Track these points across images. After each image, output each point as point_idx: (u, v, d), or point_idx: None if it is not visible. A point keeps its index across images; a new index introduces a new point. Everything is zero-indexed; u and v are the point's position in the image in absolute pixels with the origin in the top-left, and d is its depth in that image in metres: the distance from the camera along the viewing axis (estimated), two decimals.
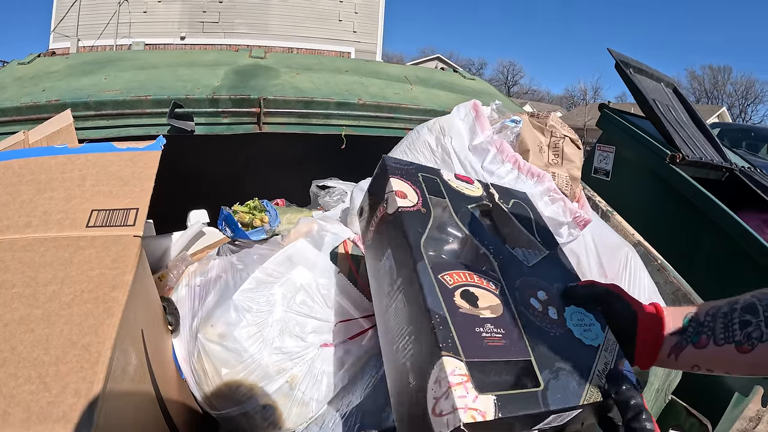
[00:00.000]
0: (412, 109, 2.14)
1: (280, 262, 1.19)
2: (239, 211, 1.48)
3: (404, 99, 2.19)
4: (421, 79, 2.54)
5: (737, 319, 0.79)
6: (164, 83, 1.92)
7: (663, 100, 3.88)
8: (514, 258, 1.02)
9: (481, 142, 1.43)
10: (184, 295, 1.25)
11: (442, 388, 0.74)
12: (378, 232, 1.02)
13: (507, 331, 0.84)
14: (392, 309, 0.91)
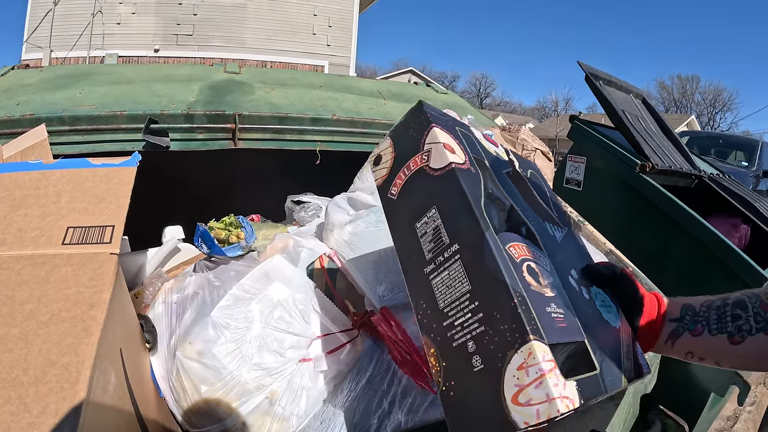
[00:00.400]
0: (385, 124, 2.16)
1: (257, 278, 1.20)
2: (215, 227, 1.48)
3: (378, 114, 2.22)
4: (394, 93, 2.57)
5: (729, 313, 0.86)
6: (139, 98, 1.92)
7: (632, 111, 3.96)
8: (546, 232, 0.97)
9: None
10: (161, 312, 1.25)
11: (530, 376, 0.67)
12: (412, 186, 0.90)
13: (565, 312, 0.79)
14: (441, 278, 0.81)
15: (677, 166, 3.78)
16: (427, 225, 0.85)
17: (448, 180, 0.84)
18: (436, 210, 0.84)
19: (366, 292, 1.27)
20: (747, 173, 10.09)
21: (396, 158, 0.95)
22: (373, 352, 1.22)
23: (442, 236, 0.82)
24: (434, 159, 0.87)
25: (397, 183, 0.93)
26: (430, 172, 0.87)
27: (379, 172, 0.97)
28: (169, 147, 1.80)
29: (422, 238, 0.85)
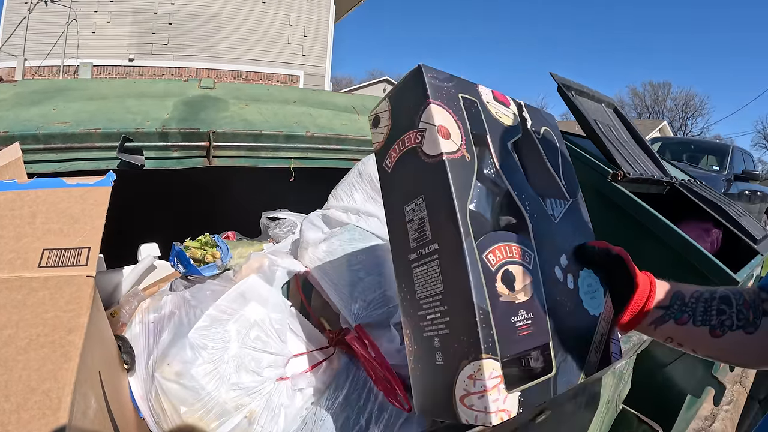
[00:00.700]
0: (359, 140, 2.19)
1: (233, 298, 1.21)
2: (191, 246, 1.49)
3: (351, 130, 2.24)
4: (368, 108, 2.55)
5: (715, 307, 0.92)
6: (113, 115, 1.91)
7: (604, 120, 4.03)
8: (544, 213, 0.95)
9: None
10: (138, 332, 1.25)
11: (476, 387, 0.74)
12: (404, 165, 0.87)
13: (535, 315, 0.83)
14: (420, 271, 0.84)
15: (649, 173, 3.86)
16: (414, 213, 0.84)
17: (437, 171, 0.81)
18: (423, 200, 0.83)
19: (340, 310, 1.29)
20: (718, 177, 10.27)
21: (392, 127, 0.90)
22: (349, 369, 1.24)
23: (426, 230, 0.82)
24: (427, 143, 0.83)
25: (392, 155, 0.89)
26: (423, 156, 0.83)
27: (377, 135, 0.94)
28: (144, 165, 1.81)
29: (409, 224, 0.85)
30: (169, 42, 14.18)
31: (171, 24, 14.13)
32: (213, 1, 14.51)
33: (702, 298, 0.94)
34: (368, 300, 1.25)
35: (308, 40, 15.45)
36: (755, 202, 11.61)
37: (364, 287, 1.27)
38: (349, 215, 1.46)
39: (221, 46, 14.68)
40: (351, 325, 1.26)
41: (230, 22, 14.70)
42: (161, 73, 14.13)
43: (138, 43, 13.90)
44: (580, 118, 3.49)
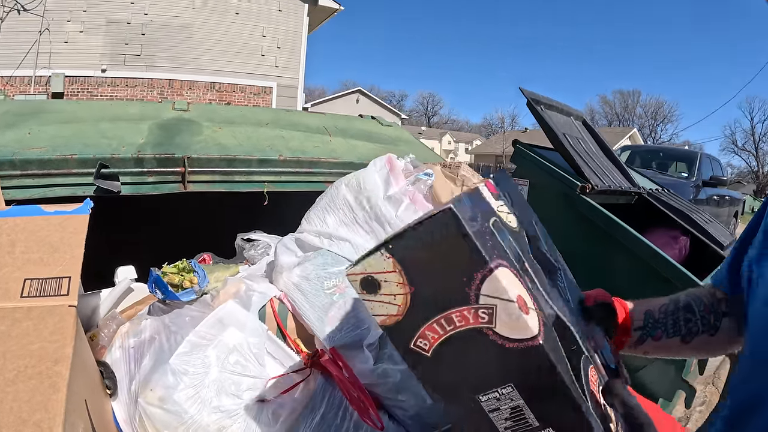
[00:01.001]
0: (331, 162, 2.24)
1: (211, 324, 1.26)
2: (168, 272, 1.52)
3: (323, 152, 2.29)
4: (340, 129, 2.64)
5: (682, 318, 1.00)
6: (89, 140, 1.93)
7: (573, 133, 4.12)
8: (573, 311, 0.86)
9: (395, 193, 1.55)
10: (119, 357, 1.29)
11: None
12: (461, 349, 0.65)
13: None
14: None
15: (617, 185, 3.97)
16: (500, 402, 0.66)
17: (530, 356, 0.63)
18: (514, 389, 0.65)
19: (315, 332, 1.34)
20: (687, 184, 10.46)
21: (416, 298, 0.64)
22: (325, 389, 1.29)
23: (527, 418, 0.66)
24: (503, 324, 0.62)
25: (427, 336, 0.65)
26: (498, 339, 0.63)
27: (378, 306, 0.66)
28: (120, 191, 1.83)
29: (493, 414, 0.67)
30: (141, 53, 14.07)
31: (144, 35, 14.03)
32: (186, 11, 14.42)
33: (669, 312, 1.01)
34: (342, 323, 1.31)
35: (281, 52, 15.44)
36: (724, 206, 11.85)
37: (338, 310, 1.33)
38: (321, 239, 1.50)
39: (194, 57, 14.60)
40: (326, 347, 1.31)
41: (203, 33, 14.62)
42: (134, 84, 14.01)
43: (111, 54, 13.76)
44: (548, 131, 3.58)
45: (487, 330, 0.63)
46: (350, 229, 1.50)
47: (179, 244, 1.87)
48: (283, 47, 15.44)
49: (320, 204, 1.63)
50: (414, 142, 2.83)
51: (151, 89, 14.25)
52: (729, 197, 12.22)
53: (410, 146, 2.74)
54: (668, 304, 1.03)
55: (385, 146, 2.59)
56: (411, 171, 1.73)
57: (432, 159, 2.42)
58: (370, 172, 1.61)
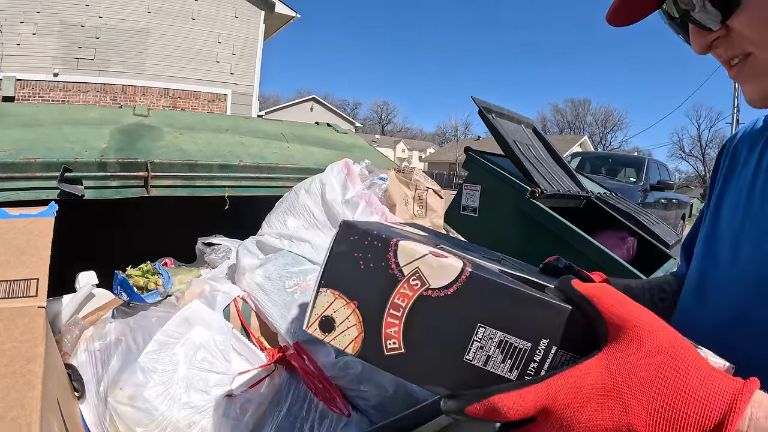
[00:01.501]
0: (289, 168, 2.30)
1: (178, 323, 1.29)
2: (133, 275, 1.55)
3: (282, 158, 2.35)
4: (297, 136, 2.69)
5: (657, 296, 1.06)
6: (52, 144, 1.94)
7: (523, 140, 4.25)
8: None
9: (352, 197, 1.60)
10: (84, 360, 1.31)
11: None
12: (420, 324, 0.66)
13: None
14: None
15: (565, 189, 4.10)
16: (485, 348, 0.64)
17: (472, 288, 0.65)
18: (485, 325, 0.64)
19: (278, 329, 1.38)
20: (635, 188, 10.77)
21: (363, 308, 0.68)
22: (290, 383, 1.33)
23: (517, 345, 0.64)
24: (433, 277, 0.65)
25: (390, 334, 0.67)
26: (441, 293, 0.65)
27: (342, 338, 0.68)
28: (84, 195, 1.84)
29: (489, 365, 0.64)
30: (95, 57, 13.84)
31: (98, 38, 13.80)
32: (141, 15, 14.24)
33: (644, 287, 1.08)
34: (303, 320, 1.35)
35: (237, 59, 15.37)
36: (671, 209, 12.22)
37: (300, 308, 1.38)
38: (282, 241, 1.55)
39: (148, 63, 14.43)
40: (289, 342, 1.36)
41: (158, 38, 14.46)
42: (86, 89, 13.77)
43: (63, 57, 13.51)
44: (499, 139, 3.70)
45: (426, 292, 0.66)
46: (310, 231, 1.54)
47: (141, 249, 1.89)
48: (238, 54, 15.38)
49: (280, 208, 1.68)
50: (368, 149, 2.90)
51: (104, 95, 14.03)
52: (676, 200, 12.63)
53: (365, 152, 2.81)
54: (644, 282, 1.10)
55: (340, 152, 2.66)
56: (366, 176, 1.79)
57: (386, 164, 2.49)
58: (328, 176, 1.66)
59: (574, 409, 0.50)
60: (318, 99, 37.37)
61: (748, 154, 0.90)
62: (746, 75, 0.72)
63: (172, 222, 2.41)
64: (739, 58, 0.72)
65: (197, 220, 2.23)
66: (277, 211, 1.67)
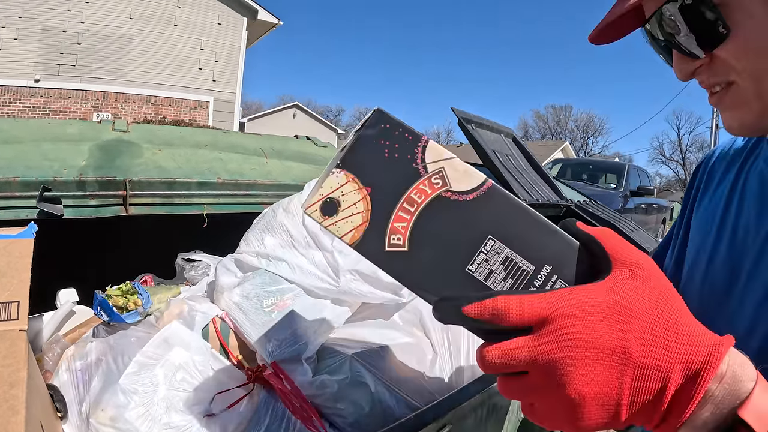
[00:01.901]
0: (267, 184, 2.32)
1: (157, 344, 1.32)
2: (113, 295, 1.57)
3: (260, 174, 2.37)
4: (276, 151, 2.71)
5: None
6: (31, 162, 1.93)
7: (502, 150, 4.29)
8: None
9: None
10: (66, 380, 1.32)
11: None
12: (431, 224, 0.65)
13: None
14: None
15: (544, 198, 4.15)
16: (489, 262, 0.64)
17: (491, 200, 0.65)
18: (494, 239, 0.64)
19: (257, 348, 1.41)
20: (616, 194, 10.89)
21: (375, 196, 0.66)
22: (269, 402, 1.36)
23: (521, 265, 0.64)
24: (455, 180, 0.65)
25: (398, 228, 0.65)
26: (459, 197, 0.64)
27: (343, 224, 0.66)
28: (63, 214, 1.84)
29: (488, 280, 0.64)
30: (77, 63, 13.75)
31: (80, 44, 13.70)
32: (123, 21, 14.17)
33: None
34: (281, 338, 1.39)
35: (219, 66, 15.33)
36: (652, 214, 12.38)
37: (277, 327, 1.41)
38: (260, 260, 1.57)
39: (130, 69, 14.35)
40: (267, 362, 1.39)
41: (140, 44, 14.39)
42: (68, 95, 13.66)
43: (45, 63, 13.40)
44: (478, 148, 3.74)
45: (445, 193, 0.65)
46: (287, 250, 1.57)
47: (121, 266, 1.91)
48: (221, 61, 15.35)
49: (258, 226, 1.70)
50: None
51: (85, 101, 13.94)
52: (657, 205, 12.79)
53: None
54: None
55: (319, 167, 2.67)
56: None
57: None
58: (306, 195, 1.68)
59: (578, 320, 0.51)
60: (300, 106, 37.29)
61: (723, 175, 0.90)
62: (727, 103, 0.73)
63: (152, 239, 2.41)
64: (721, 86, 0.72)
65: (177, 237, 2.23)
66: (255, 229, 1.69)
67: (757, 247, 0.75)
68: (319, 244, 1.56)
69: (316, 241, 1.56)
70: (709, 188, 0.93)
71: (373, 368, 1.45)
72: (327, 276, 1.50)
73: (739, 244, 0.79)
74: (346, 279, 1.47)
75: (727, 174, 0.89)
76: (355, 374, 1.42)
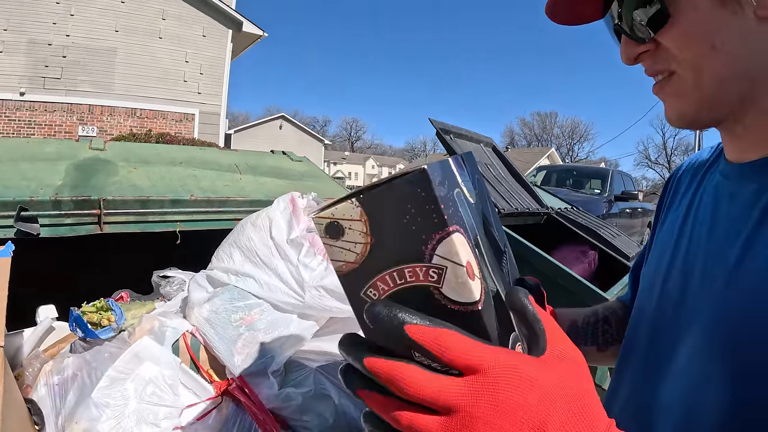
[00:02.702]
0: (239, 201, 2.36)
1: (128, 359, 1.37)
2: (87, 311, 1.61)
3: (233, 191, 2.42)
4: (250, 166, 2.77)
5: (600, 329, 1.09)
6: (9, 182, 1.98)
7: (482, 160, 4.36)
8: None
9: (296, 237, 1.66)
10: (44, 394, 1.36)
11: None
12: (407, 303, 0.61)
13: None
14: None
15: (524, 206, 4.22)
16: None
17: (468, 320, 0.62)
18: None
19: (225, 362, 1.46)
20: (600, 199, 10.97)
21: (375, 248, 0.63)
22: (237, 414, 1.40)
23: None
24: (450, 286, 0.61)
25: (378, 287, 0.63)
26: (441, 299, 0.61)
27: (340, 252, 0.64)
28: (39, 233, 1.88)
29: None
30: (62, 76, 13.69)
31: (65, 57, 13.66)
32: (109, 34, 14.13)
33: (590, 323, 1.11)
34: (248, 352, 1.44)
35: (204, 78, 15.32)
36: (637, 218, 12.47)
37: (244, 341, 1.46)
38: (229, 276, 1.62)
39: (116, 82, 14.31)
40: (235, 375, 1.44)
41: (126, 57, 14.36)
42: (53, 108, 13.61)
43: (30, 76, 13.33)
44: None
45: (434, 289, 0.61)
46: (254, 266, 1.62)
47: (97, 283, 1.94)
48: (206, 73, 15.34)
49: (228, 241, 1.75)
50: (321, 177, 2.98)
51: (71, 114, 13.89)
52: (642, 209, 12.89)
53: (317, 180, 2.89)
54: (590, 315, 1.11)
55: (292, 182, 2.73)
56: (314, 207, 1.86)
57: (337, 193, 2.57)
58: (275, 211, 1.73)
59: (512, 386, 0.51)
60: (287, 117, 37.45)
61: (687, 187, 0.92)
62: (667, 92, 0.74)
63: (127, 257, 2.44)
64: (663, 75, 0.74)
65: (151, 254, 2.27)
66: (225, 245, 1.74)
67: (700, 265, 0.77)
68: (284, 257, 1.60)
69: (281, 254, 1.61)
70: (674, 201, 0.95)
71: (337, 381, 1.50)
72: (293, 292, 1.54)
73: (692, 257, 0.80)
74: (312, 295, 1.52)
75: (690, 186, 0.91)
76: (319, 387, 1.48)
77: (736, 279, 0.69)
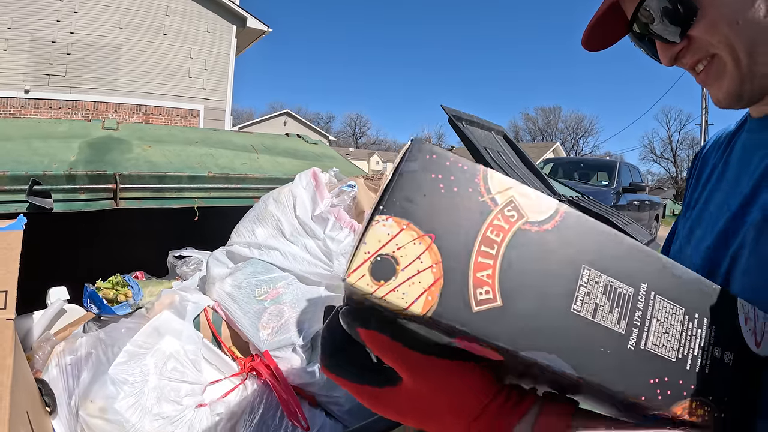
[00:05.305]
0: (258, 178, 2.30)
1: (148, 333, 1.29)
2: (103, 287, 1.54)
3: (251, 169, 2.35)
4: (266, 147, 2.71)
5: None
6: (21, 158, 1.93)
7: (494, 147, 4.29)
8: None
9: (322, 212, 1.60)
10: (56, 375, 1.30)
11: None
12: (519, 262, 0.53)
13: None
14: (652, 334, 0.57)
15: None
16: (591, 294, 0.55)
17: (571, 225, 0.56)
18: (589, 267, 0.55)
19: (249, 338, 1.39)
20: (608, 191, 10.88)
21: (443, 241, 0.51)
22: (263, 391, 1.34)
23: (620, 289, 0.56)
24: (530, 209, 0.55)
25: (482, 279, 0.51)
26: (539, 228, 0.54)
27: (409, 287, 0.50)
28: (53, 208, 1.83)
29: (596, 316, 0.54)
30: (66, 73, 13.64)
31: (69, 54, 13.60)
32: (113, 31, 14.08)
33: None
34: (274, 327, 1.36)
35: (209, 74, 15.26)
36: (645, 210, 12.39)
37: (270, 316, 1.38)
38: (251, 250, 1.55)
39: (120, 79, 14.25)
40: (260, 350, 1.36)
41: (130, 53, 14.30)
42: (57, 106, 13.57)
43: (34, 74, 13.27)
44: (469, 145, 3.73)
45: (524, 225, 0.53)
46: (279, 240, 1.55)
47: (111, 260, 1.88)
48: (210, 69, 15.28)
49: (249, 217, 1.68)
50: (338, 158, 2.92)
51: (76, 111, 13.84)
52: (649, 201, 12.80)
53: (335, 161, 2.83)
54: None
55: (310, 162, 2.66)
56: (335, 184, 1.80)
57: (356, 173, 2.50)
58: (297, 186, 1.67)
59: None
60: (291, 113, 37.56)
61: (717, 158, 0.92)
62: (711, 75, 0.74)
63: (143, 234, 2.40)
64: (704, 63, 0.74)
65: (167, 231, 2.22)
66: (246, 221, 1.67)
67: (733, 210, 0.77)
68: (310, 233, 1.54)
69: (307, 230, 1.55)
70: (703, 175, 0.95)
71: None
72: (320, 262, 1.48)
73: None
74: (341, 263, 1.45)
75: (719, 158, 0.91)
76: None
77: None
